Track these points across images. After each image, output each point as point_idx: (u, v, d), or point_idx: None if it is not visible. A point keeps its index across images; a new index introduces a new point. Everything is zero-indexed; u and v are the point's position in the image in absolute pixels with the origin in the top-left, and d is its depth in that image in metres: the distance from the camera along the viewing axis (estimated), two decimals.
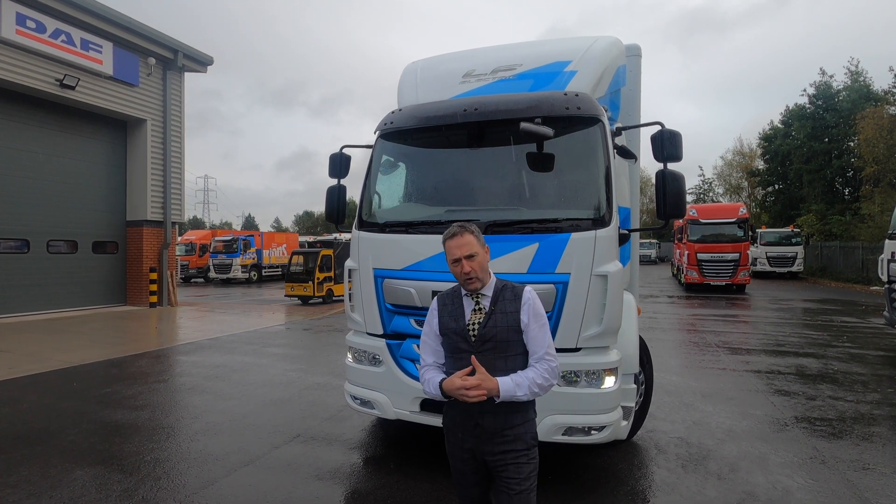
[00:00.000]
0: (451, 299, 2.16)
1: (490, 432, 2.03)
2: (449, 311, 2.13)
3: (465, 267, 2.04)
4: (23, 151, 12.25)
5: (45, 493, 3.44)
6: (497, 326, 2.04)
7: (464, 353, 2.04)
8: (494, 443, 2.03)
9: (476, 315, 2.08)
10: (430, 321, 2.18)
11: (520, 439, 2.04)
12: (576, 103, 3.42)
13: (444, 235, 2.11)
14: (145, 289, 14.26)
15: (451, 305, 2.14)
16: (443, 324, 2.12)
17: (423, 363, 2.18)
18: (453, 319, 2.10)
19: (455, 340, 2.08)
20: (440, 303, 2.19)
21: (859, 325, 10.92)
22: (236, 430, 4.65)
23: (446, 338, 2.11)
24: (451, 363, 2.11)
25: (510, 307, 2.07)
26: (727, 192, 48.46)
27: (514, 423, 2.04)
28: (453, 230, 2.09)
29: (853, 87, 29.42)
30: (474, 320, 2.07)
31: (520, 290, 2.10)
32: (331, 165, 4.33)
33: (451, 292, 2.19)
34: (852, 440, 4.38)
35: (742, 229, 19.43)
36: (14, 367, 7.01)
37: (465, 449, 2.09)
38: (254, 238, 27.28)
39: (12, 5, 10.96)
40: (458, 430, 2.10)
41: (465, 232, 2.07)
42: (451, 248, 2.07)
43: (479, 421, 2.03)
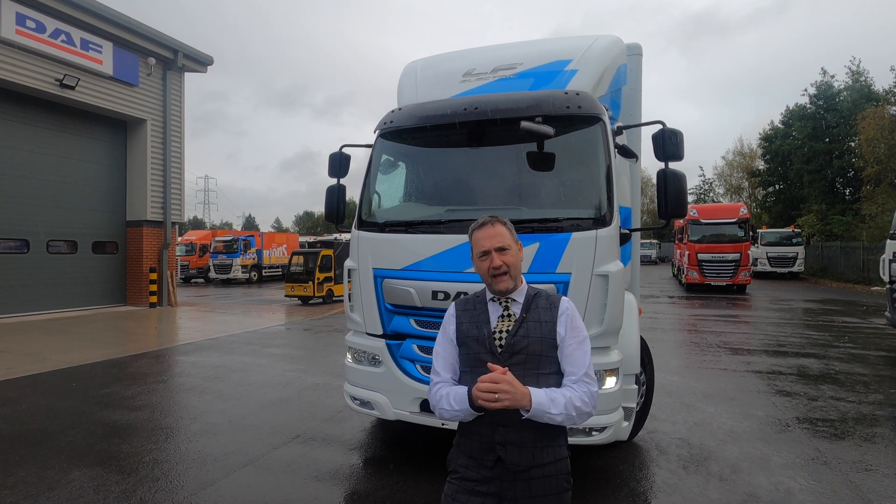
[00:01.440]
0: (473, 304, 1.84)
1: (513, 471, 1.66)
2: (470, 316, 1.81)
3: (496, 260, 1.72)
4: (23, 151, 12.24)
5: (42, 494, 3.42)
6: (529, 337, 1.71)
7: (485, 367, 1.67)
8: (518, 486, 1.66)
9: (504, 322, 1.75)
10: (446, 328, 1.84)
11: (553, 482, 1.68)
12: (576, 102, 3.40)
13: (473, 226, 1.81)
14: (145, 289, 14.25)
15: (473, 310, 1.82)
16: (462, 331, 1.78)
17: (437, 378, 1.80)
18: (475, 326, 1.77)
19: (476, 351, 1.74)
20: (459, 307, 1.85)
21: (860, 326, 10.89)
22: (235, 430, 4.64)
23: (465, 348, 1.77)
24: (468, 379, 1.72)
25: (545, 316, 1.75)
26: (728, 193, 48.44)
27: (545, 460, 1.67)
28: (483, 219, 1.79)
29: (854, 87, 29.39)
30: (502, 328, 1.74)
31: (556, 299, 1.80)
32: (330, 165, 4.31)
33: (474, 297, 1.87)
34: (854, 441, 4.36)
35: (743, 229, 19.41)
36: (13, 368, 7.00)
37: (476, 493, 1.69)
38: (254, 238, 27.28)
39: (12, 5, 10.95)
40: (471, 467, 1.71)
41: (497, 222, 1.78)
42: (480, 238, 1.76)
43: (501, 454, 1.66)
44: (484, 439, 1.69)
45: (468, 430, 1.74)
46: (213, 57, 15.68)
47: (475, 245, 1.79)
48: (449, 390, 1.71)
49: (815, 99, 31.34)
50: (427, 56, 4.64)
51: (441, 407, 1.72)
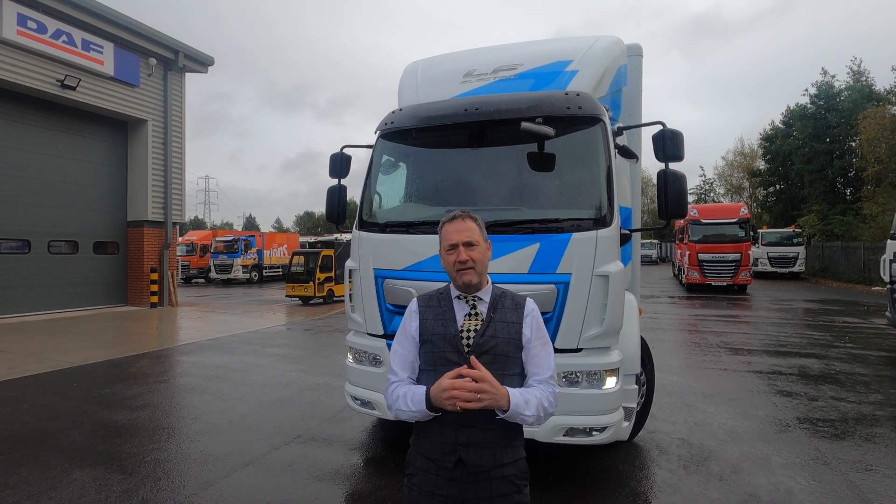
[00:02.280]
0: (437, 301, 1.80)
1: (474, 472, 1.64)
2: (435, 313, 1.77)
3: (463, 255, 1.71)
4: (24, 152, 12.26)
5: (44, 493, 3.43)
6: (497, 337, 1.70)
7: (452, 366, 1.65)
8: (479, 488, 1.64)
9: (471, 321, 1.73)
10: (407, 325, 1.79)
11: (510, 482, 1.68)
12: (577, 103, 3.41)
13: (443, 219, 1.81)
14: (146, 289, 14.26)
15: (437, 307, 1.78)
16: (426, 328, 1.74)
17: (393, 378, 1.76)
18: (441, 324, 1.73)
19: (443, 349, 1.70)
20: (422, 303, 1.81)
21: (861, 326, 10.89)
22: (236, 430, 4.64)
23: (429, 345, 1.73)
24: (431, 378, 1.67)
25: (512, 317, 1.75)
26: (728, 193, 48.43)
27: (505, 460, 1.66)
28: (454, 214, 1.80)
29: (855, 86, 29.37)
30: (469, 326, 1.72)
31: (521, 300, 1.80)
32: (331, 165, 4.32)
33: (438, 293, 1.83)
34: (855, 441, 4.36)
35: (743, 229, 19.40)
36: (14, 368, 7.01)
37: (435, 495, 1.66)
38: (255, 238, 27.29)
39: (13, 6, 10.97)
40: (430, 469, 1.67)
41: (468, 218, 1.78)
42: (449, 232, 1.76)
43: (462, 455, 1.63)
44: (446, 440, 1.66)
45: (427, 431, 1.70)
46: (213, 57, 15.70)
47: (444, 238, 1.78)
48: (406, 390, 1.68)
49: (816, 99, 31.32)
50: (428, 57, 4.65)
51: (397, 407, 1.68)
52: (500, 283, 1.87)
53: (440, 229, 1.81)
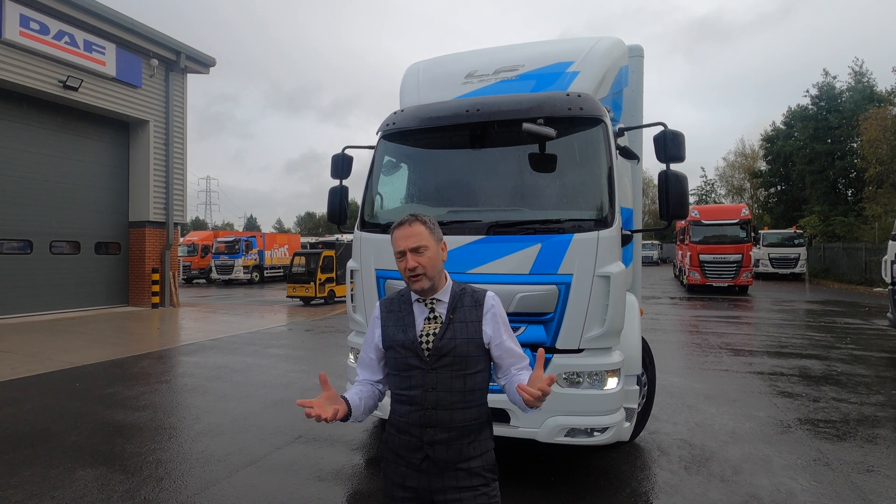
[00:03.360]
0: (398, 305, 1.79)
1: (440, 466, 1.67)
2: (395, 318, 1.77)
3: (410, 262, 1.67)
4: (26, 152, 12.29)
5: (47, 493, 3.44)
6: (456, 339, 1.70)
7: (414, 371, 1.69)
8: (445, 479, 1.67)
9: (430, 325, 1.72)
10: (372, 332, 1.81)
11: (477, 475, 1.69)
12: (578, 104, 3.42)
13: (393, 225, 1.77)
14: (147, 289, 14.29)
15: (398, 312, 1.77)
16: (388, 335, 1.75)
17: (356, 378, 1.86)
18: (401, 330, 1.73)
19: (403, 355, 1.71)
20: (384, 309, 1.81)
21: (863, 327, 10.88)
22: (238, 430, 4.65)
23: (392, 352, 1.74)
24: (396, 382, 1.74)
25: (471, 315, 1.73)
26: (729, 194, 48.42)
27: (471, 454, 1.69)
28: (403, 218, 1.75)
29: (856, 87, 29.35)
30: (428, 330, 1.71)
31: (481, 296, 1.77)
32: (333, 166, 4.33)
33: (399, 296, 1.81)
34: (856, 442, 4.36)
35: (744, 230, 19.39)
36: (16, 368, 7.03)
37: (406, 487, 1.70)
38: (256, 239, 27.32)
39: (16, 7, 11.00)
40: (400, 463, 1.72)
41: (416, 221, 1.72)
42: (397, 238, 1.72)
43: (429, 452, 1.67)
44: (413, 439, 1.69)
45: (397, 430, 1.73)
46: (215, 58, 15.73)
47: (393, 244, 1.74)
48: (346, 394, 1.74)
49: (817, 100, 31.32)
50: (429, 58, 4.66)
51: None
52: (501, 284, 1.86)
53: (392, 233, 1.75)
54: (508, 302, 3.24)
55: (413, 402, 1.69)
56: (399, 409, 1.73)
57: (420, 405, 1.68)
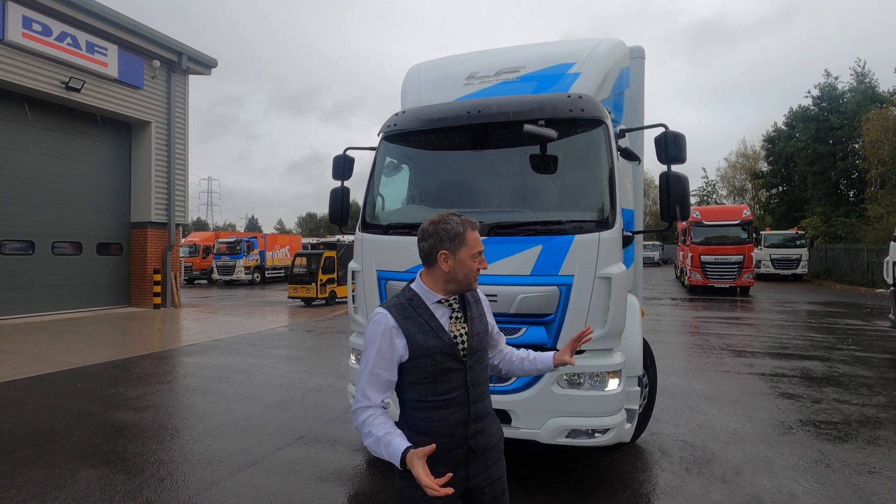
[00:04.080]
0: (412, 310, 1.69)
1: (478, 454, 1.73)
2: (418, 325, 1.67)
3: (484, 263, 1.75)
4: (28, 153, 12.33)
5: (49, 493, 3.46)
6: (479, 334, 1.77)
7: (453, 373, 1.68)
8: (478, 463, 1.73)
9: (457, 325, 1.72)
10: (391, 344, 1.65)
11: (498, 450, 1.82)
12: (579, 105, 3.42)
13: (468, 224, 1.73)
14: (149, 290, 14.31)
15: (417, 318, 1.68)
16: (417, 343, 1.65)
17: (366, 402, 1.65)
18: (432, 336, 1.66)
19: (441, 361, 1.66)
20: (399, 317, 1.67)
21: (865, 328, 10.86)
22: (239, 431, 4.66)
23: (425, 360, 1.66)
24: (430, 388, 1.67)
25: (478, 310, 1.82)
26: (731, 194, 48.34)
27: (493, 433, 1.80)
28: (474, 222, 1.76)
29: (858, 88, 29.31)
30: (457, 331, 1.71)
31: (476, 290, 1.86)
32: (334, 168, 4.34)
33: (406, 302, 1.71)
34: (858, 444, 4.35)
35: (746, 231, 19.36)
36: (19, 368, 7.05)
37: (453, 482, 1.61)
38: (257, 240, 27.34)
39: (19, 9, 11.04)
40: (438, 465, 1.57)
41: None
42: (478, 240, 1.74)
43: (472, 444, 1.71)
44: (455, 438, 1.69)
45: (432, 435, 1.64)
46: (216, 59, 15.76)
47: (474, 244, 1.72)
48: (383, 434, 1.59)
49: (819, 100, 31.29)
50: (430, 59, 4.67)
51: (369, 444, 1.63)
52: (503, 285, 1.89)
53: (466, 233, 1.71)
54: (510, 303, 3.25)
55: (453, 404, 1.69)
56: (435, 415, 1.68)
57: (463, 404, 1.70)
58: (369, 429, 1.63)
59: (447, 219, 1.73)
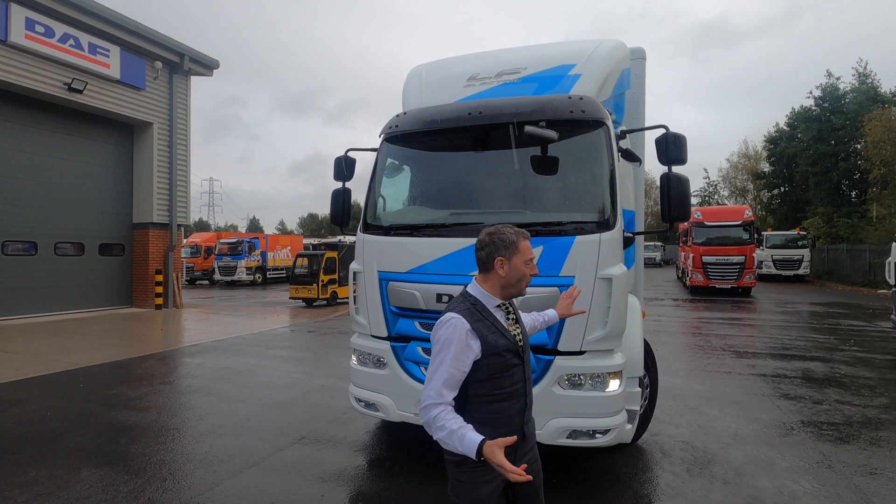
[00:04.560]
0: (480, 314, 1.88)
1: (528, 437, 1.98)
2: (486, 327, 1.85)
3: (536, 269, 1.96)
4: (31, 154, 12.37)
5: (52, 493, 3.47)
6: (526, 332, 2.05)
7: (515, 368, 1.90)
8: (527, 445, 1.97)
9: (512, 326, 1.95)
10: (468, 346, 1.80)
11: (535, 433, 2.10)
12: (580, 106, 3.43)
13: (521, 234, 1.93)
14: (151, 291, 14.33)
15: (484, 321, 1.87)
16: (490, 343, 1.83)
17: (439, 399, 1.77)
18: (500, 336, 1.87)
19: (508, 358, 1.87)
20: (471, 321, 1.84)
21: (867, 329, 10.84)
22: (241, 431, 4.67)
23: (496, 357, 1.84)
24: (496, 384, 1.86)
25: (517, 311, 2.06)
26: (732, 195, 48.27)
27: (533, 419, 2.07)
28: (526, 232, 1.96)
29: (860, 88, 29.27)
30: (514, 330, 1.94)
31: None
32: (336, 169, 4.35)
33: (471, 306, 1.89)
34: (859, 445, 4.35)
35: (747, 232, 19.33)
36: (21, 369, 7.07)
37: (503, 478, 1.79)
38: (258, 240, 27.38)
39: (22, 10, 11.08)
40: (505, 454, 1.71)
41: None
42: (529, 248, 1.95)
43: (526, 431, 1.95)
44: (512, 427, 1.88)
45: (498, 423, 1.86)
46: (218, 60, 15.79)
47: (526, 251, 1.93)
48: (457, 428, 1.72)
49: (821, 101, 31.24)
50: (432, 60, 4.67)
51: (441, 438, 1.75)
52: None
53: (519, 242, 1.92)
54: None
55: (514, 396, 1.91)
56: (499, 406, 1.87)
57: (521, 396, 1.93)
58: (442, 423, 1.75)
59: (502, 229, 1.94)
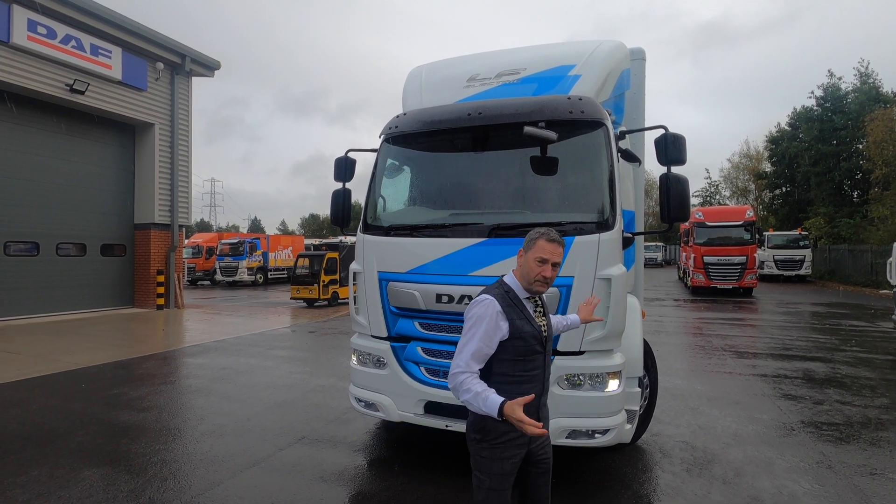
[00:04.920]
0: (512, 302, 2.11)
1: (542, 420, 2.16)
2: (517, 313, 2.09)
3: (550, 272, 2.10)
4: (33, 155, 12.40)
5: (53, 492, 3.48)
6: (552, 327, 2.28)
7: (536, 355, 2.13)
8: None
9: (540, 318, 2.17)
10: (493, 324, 2.03)
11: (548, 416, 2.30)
12: (579, 107, 3.44)
13: (542, 234, 2.11)
14: (152, 291, 14.36)
15: (515, 308, 2.10)
16: (516, 326, 2.06)
17: (466, 368, 2.02)
18: (527, 322, 2.10)
19: (531, 344, 2.09)
20: (504, 305, 2.08)
21: (868, 329, 10.82)
22: (241, 431, 4.69)
23: (520, 341, 2.07)
24: (518, 366, 2.09)
25: (546, 306, 2.28)
26: (734, 195, 48.19)
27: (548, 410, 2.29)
28: (553, 236, 2.12)
29: (862, 88, 29.21)
30: (541, 322, 2.17)
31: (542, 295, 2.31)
32: (336, 169, 4.36)
33: (505, 294, 2.12)
34: (860, 445, 4.34)
35: (749, 232, 19.31)
36: (23, 369, 7.09)
37: (521, 444, 2.08)
38: (260, 241, 27.41)
39: (24, 11, 11.12)
40: (515, 430, 1.96)
41: (562, 245, 2.15)
42: (548, 250, 2.09)
43: (541, 414, 2.18)
44: (530, 410, 2.02)
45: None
46: (219, 61, 15.82)
47: (539, 250, 2.09)
48: (481, 390, 1.96)
49: (822, 101, 31.19)
50: (432, 61, 4.68)
51: (466, 399, 2.00)
52: None
53: (535, 241, 2.11)
54: None
55: (533, 381, 2.13)
56: (518, 388, 2.04)
57: (539, 382, 2.15)
58: (468, 386, 1.99)
59: (538, 228, 2.20)
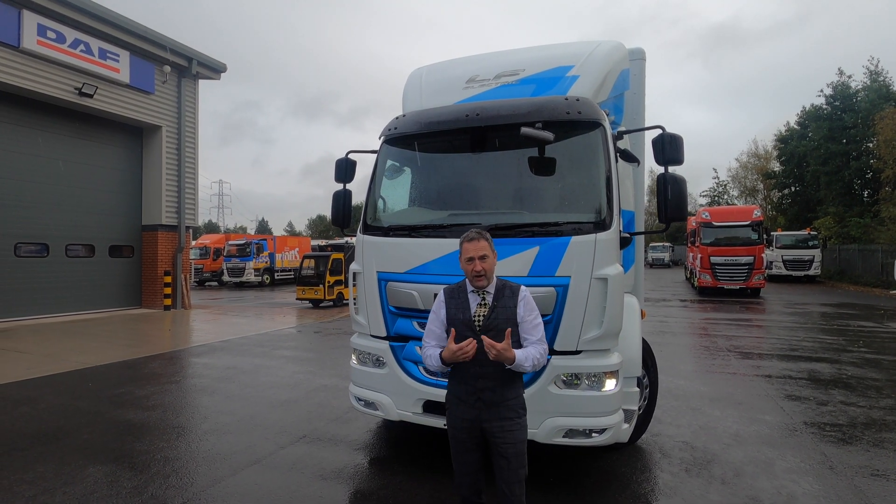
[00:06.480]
0: (457, 293, 2.53)
1: (488, 404, 2.42)
2: (455, 303, 2.50)
3: (478, 265, 2.42)
4: (42, 158, 12.59)
5: (59, 489, 3.55)
6: (498, 319, 2.44)
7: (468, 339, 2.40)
8: (491, 413, 2.42)
9: (481, 309, 2.47)
10: (438, 311, 2.54)
11: (513, 410, 2.45)
12: (576, 108, 3.45)
13: (463, 238, 2.48)
14: (160, 292, 14.51)
15: (457, 298, 2.51)
16: (450, 315, 2.49)
17: (425, 344, 2.55)
18: (460, 311, 2.47)
19: (462, 329, 2.43)
20: (447, 295, 2.55)
21: (877, 330, 10.71)
22: (244, 430, 4.74)
23: (453, 325, 2.44)
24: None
25: (509, 303, 2.47)
26: (742, 195, 47.78)
27: (509, 396, 2.45)
28: (472, 235, 2.47)
29: (872, 87, 28.88)
30: (479, 313, 2.46)
31: (516, 289, 2.52)
32: (337, 170, 4.41)
33: (457, 287, 2.55)
34: (862, 446, 4.31)
35: (756, 232, 19.13)
36: (32, 368, 7.21)
37: (465, 419, 2.45)
38: (267, 242, 27.57)
39: (34, 16, 11.29)
40: (461, 403, 2.47)
41: (482, 239, 2.47)
42: (469, 249, 2.45)
43: (480, 396, 2.43)
44: (468, 387, 2.46)
45: (458, 381, 2.49)
46: (226, 64, 15.96)
47: (464, 252, 2.48)
48: (432, 352, 2.48)
49: (832, 100, 30.88)
50: (432, 63, 4.71)
51: (428, 364, 2.50)
52: None
53: (461, 245, 2.50)
54: None
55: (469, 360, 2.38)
56: (458, 365, 2.44)
57: (475, 363, 2.39)
58: (426, 353, 2.53)
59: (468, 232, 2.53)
